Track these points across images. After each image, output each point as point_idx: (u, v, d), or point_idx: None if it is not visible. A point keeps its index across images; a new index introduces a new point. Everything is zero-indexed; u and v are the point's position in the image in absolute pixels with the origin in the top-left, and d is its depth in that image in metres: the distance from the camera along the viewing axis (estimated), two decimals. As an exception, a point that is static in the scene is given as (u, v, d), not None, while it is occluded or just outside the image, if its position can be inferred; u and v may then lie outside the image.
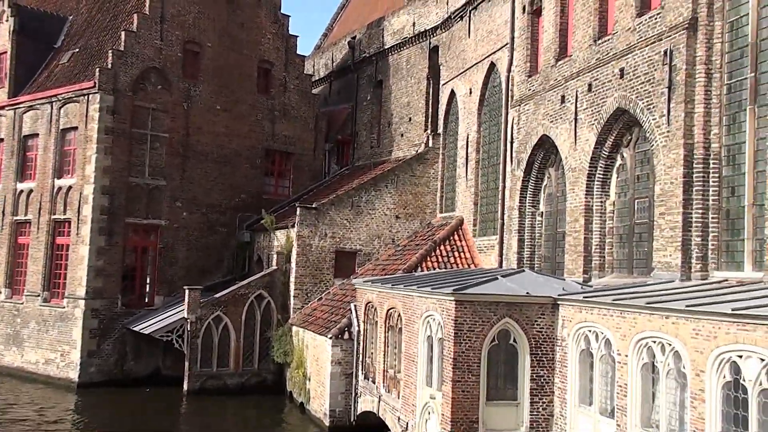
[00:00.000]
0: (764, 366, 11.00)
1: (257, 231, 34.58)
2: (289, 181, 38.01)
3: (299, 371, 26.83)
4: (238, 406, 27.24)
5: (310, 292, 29.38)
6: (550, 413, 16.77)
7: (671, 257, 16.69)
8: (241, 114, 36.09)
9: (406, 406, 19.08)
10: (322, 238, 29.74)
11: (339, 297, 27.15)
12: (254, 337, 30.05)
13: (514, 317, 16.76)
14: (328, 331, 24.21)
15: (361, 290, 23.50)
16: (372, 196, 30.76)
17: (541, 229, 23.66)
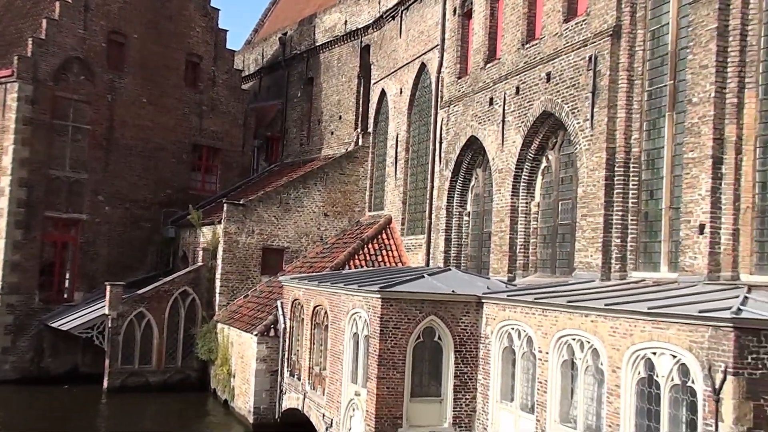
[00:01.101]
0: (676, 362, 11.42)
1: (183, 227, 34.01)
2: (217, 176, 37.50)
3: (224, 368, 26.53)
4: (160, 403, 26.74)
5: (236, 289, 29.06)
6: (473, 409, 17.03)
7: (592, 257, 17.16)
8: (168, 107, 35.43)
9: (331, 403, 19.09)
10: (250, 234, 29.45)
11: (266, 294, 26.95)
12: (178, 334, 29.55)
13: (439, 315, 16.95)
14: (253, 328, 24.02)
15: (288, 287, 23.39)
16: (301, 194, 30.63)
17: (468, 229, 24.01)
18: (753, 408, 10.40)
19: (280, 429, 22.75)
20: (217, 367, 27.36)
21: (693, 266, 14.40)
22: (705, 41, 14.42)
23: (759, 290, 12.92)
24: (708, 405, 10.68)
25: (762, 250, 13.70)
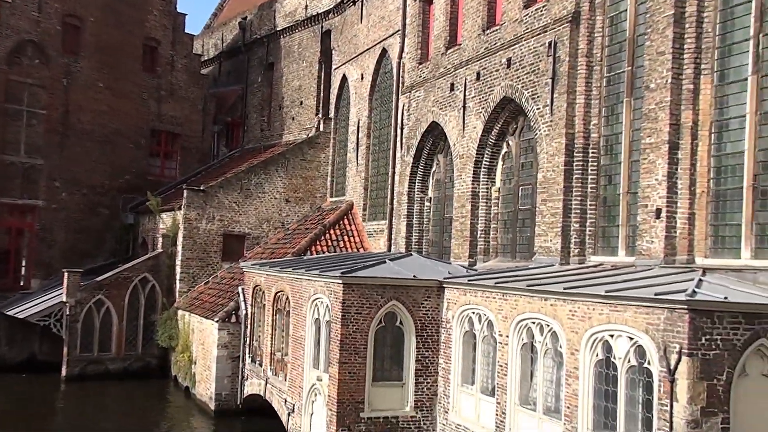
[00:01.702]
0: (633, 344, 11.62)
1: (142, 213, 33.60)
2: (176, 162, 37.09)
3: (185, 355, 26.34)
4: (120, 391, 26.49)
5: (196, 276, 28.83)
6: (434, 393, 17.16)
7: (552, 242, 17.36)
8: (126, 92, 34.87)
9: (293, 389, 19.08)
10: (210, 221, 29.21)
11: (227, 280, 26.79)
12: (138, 321, 29.26)
13: (400, 300, 17.01)
14: (214, 314, 23.87)
15: (250, 273, 23.28)
16: (262, 180, 30.43)
17: (429, 215, 24.11)
18: (706, 388, 10.64)
19: (242, 415, 22.68)
20: (178, 353, 27.16)
21: (650, 250, 14.65)
22: (662, 28, 14.62)
23: (713, 273, 13.20)
24: (663, 385, 10.89)
25: (716, 234, 13.99)
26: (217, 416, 22.88)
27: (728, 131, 13.88)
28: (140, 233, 33.75)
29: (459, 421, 16.31)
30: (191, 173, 36.34)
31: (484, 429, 15.37)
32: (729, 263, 13.44)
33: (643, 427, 11.58)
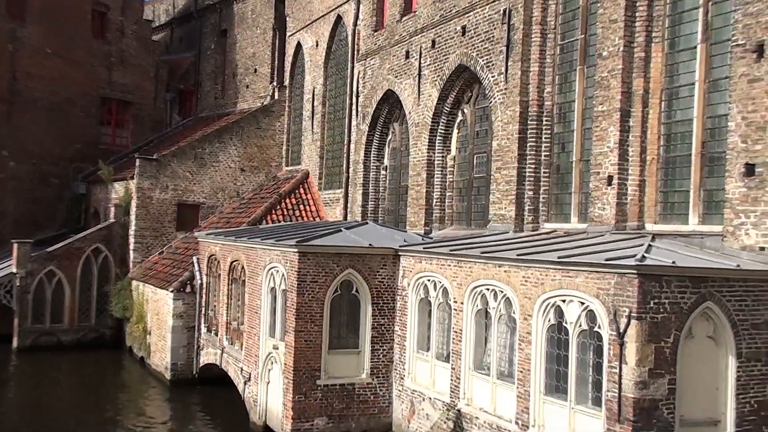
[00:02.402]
0: (584, 309, 11.83)
1: (94, 183, 32.99)
2: (128, 131, 36.41)
3: (139, 326, 26.11)
4: (74, 362, 26.19)
5: (150, 246, 28.47)
6: (390, 359, 17.30)
7: (506, 210, 17.52)
8: (75, 59, 33.99)
9: (249, 357, 19.07)
10: (164, 190, 28.81)
11: (181, 250, 26.53)
12: (91, 292, 28.86)
13: (356, 268, 17.03)
14: (169, 284, 23.66)
15: (205, 243, 23.08)
16: (216, 148, 30.07)
17: (385, 183, 24.13)
18: (654, 350, 10.89)
19: (198, 384, 22.62)
20: (133, 324, 26.91)
21: (601, 217, 14.88)
22: (615, -4, 14.71)
23: (662, 238, 13.47)
24: (613, 348, 11.13)
25: (666, 200, 14.27)
26: (173, 386, 22.78)
27: (678, 99, 14.11)
28: (92, 203, 33.16)
29: (414, 387, 16.49)
30: (144, 142, 35.70)
31: (439, 394, 15.56)
32: (678, 229, 13.73)
33: (593, 390, 11.84)
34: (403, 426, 16.71)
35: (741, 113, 12.20)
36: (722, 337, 11.50)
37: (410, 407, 16.56)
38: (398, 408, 17.04)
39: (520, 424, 13.11)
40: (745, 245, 12.02)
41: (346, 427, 16.82)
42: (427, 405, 15.91)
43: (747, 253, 11.93)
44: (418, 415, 16.20)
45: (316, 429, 16.53)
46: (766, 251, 11.72)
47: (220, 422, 19.31)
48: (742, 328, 11.50)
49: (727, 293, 11.39)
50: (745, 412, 11.51)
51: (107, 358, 26.97)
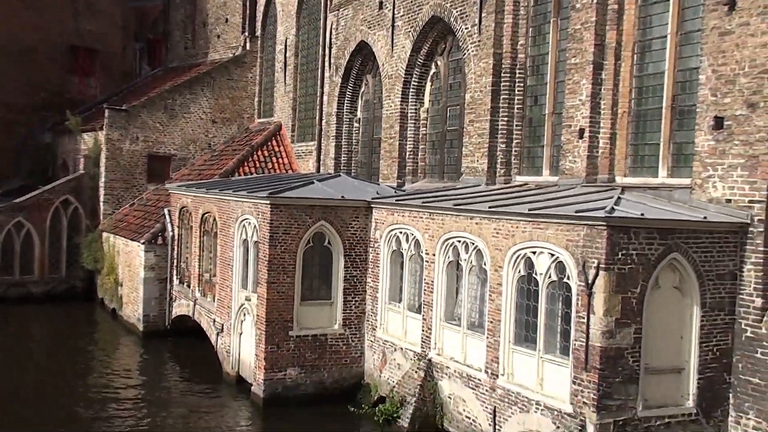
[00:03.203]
0: (554, 260, 11.99)
1: (61, 133, 32.43)
2: (96, 81, 35.71)
3: (111, 277, 26.00)
4: (45, 313, 26.07)
5: (121, 198, 28.19)
6: (362, 311, 17.45)
7: (478, 163, 17.57)
8: (40, 6, 33.09)
9: (222, 309, 19.12)
10: (134, 141, 28.42)
11: (153, 202, 26.32)
12: (61, 243, 28.61)
13: (329, 220, 17.06)
14: (140, 236, 23.53)
15: (176, 195, 22.92)
16: (187, 100, 29.64)
17: (358, 136, 24.04)
18: (621, 300, 11.10)
19: (170, 336, 22.68)
20: (104, 276, 26.79)
21: (572, 169, 15.00)
22: (590, -53, 14.60)
23: (632, 191, 13.62)
24: (581, 299, 11.32)
25: (636, 153, 14.40)
26: (145, 337, 22.82)
27: (650, 52, 14.14)
28: (60, 154, 32.66)
29: (386, 337, 16.68)
30: (112, 92, 35.06)
31: (411, 345, 15.77)
32: (647, 181, 13.90)
33: (561, 339, 12.07)
34: (375, 376, 16.94)
35: (711, 66, 12.27)
36: (688, 287, 11.75)
37: (382, 357, 16.77)
38: (370, 358, 17.24)
39: (489, 373, 13.35)
40: (712, 198, 12.20)
41: (319, 377, 17.02)
42: (399, 355, 16.12)
43: (714, 205, 12.12)
44: (390, 365, 16.42)
45: (289, 379, 16.70)
46: (732, 204, 11.91)
47: (193, 373, 19.43)
48: (707, 278, 11.75)
49: (694, 245, 11.61)
50: (707, 360, 11.83)
51: (79, 310, 26.89)
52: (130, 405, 16.80)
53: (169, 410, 16.50)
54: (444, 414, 14.64)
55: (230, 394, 17.77)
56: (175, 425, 15.49)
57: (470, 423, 13.88)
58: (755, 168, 11.58)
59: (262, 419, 16.09)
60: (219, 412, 16.71)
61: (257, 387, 16.81)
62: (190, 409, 16.61)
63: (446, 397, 14.59)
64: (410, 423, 14.64)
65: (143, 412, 16.27)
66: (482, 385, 13.54)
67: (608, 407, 11.14)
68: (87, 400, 16.85)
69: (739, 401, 11.90)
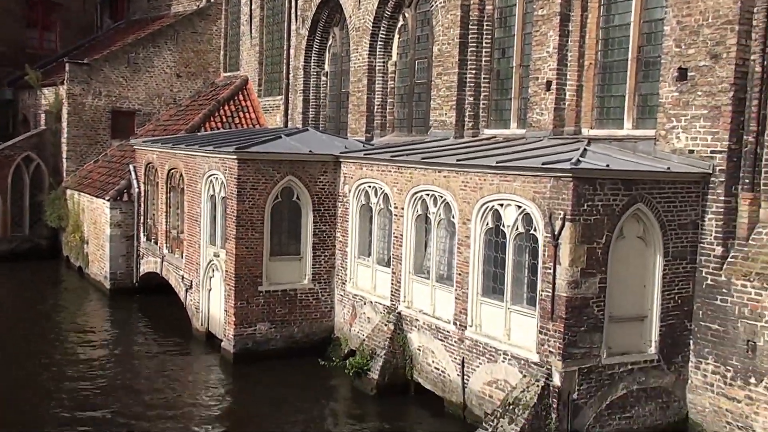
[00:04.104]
0: (521, 213, 12.09)
1: (21, 88, 31.71)
2: (56, 35, 34.85)
3: (76, 235, 25.71)
4: (10, 272, 25.73)
5: (85, 154, 27.73)
6: (332, 265, 17.50)
7: (446, 116, 17.55)
8: (-4, -43, 32.10)
9: (190, 265, 19.05)
10: (96, 96, 27.88)
11: (117, 158, 25.95)
12: (23, 201, 28.13)
13: (297, 175, 16.98)
14: (105, 193, 23.24)
15: (141, 151, 22.62)
16: (150, 53, 29.05)
17: (326, 89, 23.82)
18: (586, 251, 11.26)
19: (139, 293, 22.57)
20: (69, 234, 26.48)
21: (540, 122, 15.05)
22: None
23: (598, 143, 13.73)
24: (548, 250, 11.46)
25: (602, 105, 14.47)
26: (113, 295, 22.68)
27: (616, 3, 14.12)
28: (21, 109, 31.97)
29: (356, 291, 16.78)
30: (73, 46, 34.26)
31: (380, 298, 15.89)
32: (613, 133, 14.00)
33: (528, 290, 12.24)
34: (345, 329, 17.08)
35: (676, 17, 12.31)
36: (651, 237, 11.95)
37: (352, 311, 16.88)
38: (340, 312, 17.36)
39: (458, 324, 13.53)
40: (676, 149, 12.34)
41: (289, 331, 17.11)
42: (369, 309, 16.25)
43: (677, 156, 12.27)
44: (360, 318, 16.55)
45: (259, 334, 16.78)
46: (695, 154, 12.07)
47: (163, 329, 19.41)
48: (670, 228, 11.96)
49: (657, 195, 11.78)
50: (669, 308, 12.11)
51: (44, 269, 26.60)
52: (99, 363, 16.77)
53: (139, 367, 16.51)
54: (413, 366, 14.84)
55: (200, 350, 17.82)
56: (145, 382, 15.52)
57: (439, 374, 14.09)
58: (717, 119, 11.73)
59: (233, 374, 16.17)
60: (189, 368, 16.76)
61: (227, 342, 16.87)
62: (160, 366, 16.64)
63: (415, 349, 14.77)
64: (380, 375, 14.82)
65: (112, 371, 16.24)
66: (451, 337, 13.72)
67: (573, 355, 11.37)
68: (54, 360, 16.79)
69: (699, 347, 12.23)
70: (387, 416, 14.01)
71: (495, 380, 12.68)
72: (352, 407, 14.62)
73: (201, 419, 13.60)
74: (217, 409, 14.37)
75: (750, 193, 11.69)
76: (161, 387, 15.23)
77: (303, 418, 13.74)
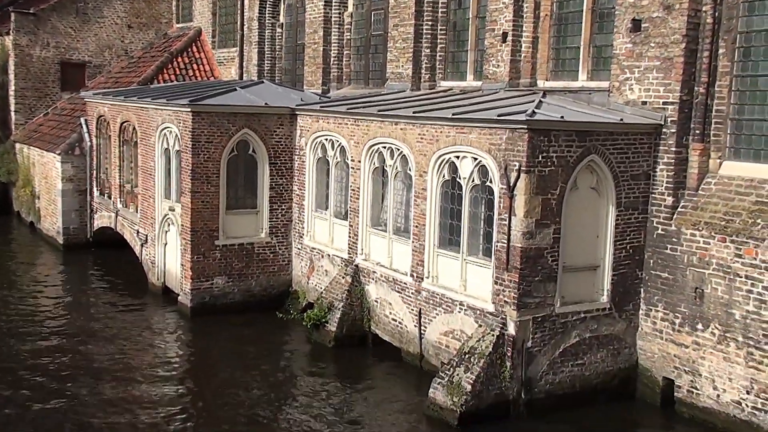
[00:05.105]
0: (477, 164, 12.15)
1: (-35, 39, 30.60)
2: (0, -17, 33.55)
3: (26, 190, 25.20)
4: (-42, 230, 25.25)
5: (34, 107, 27.03)
6: (289, 219, 17.46)
7: (403, 68, 17.46)
8: None
9: (145, 220, 18.83)
10: (45, 47, 27.09)
11: (68, 111, 25.33)
12: (-30, 155, 27.48)
13: (253, 128, 16.81)
14: (56, 147, 22.73)
15: (93, 104, 22.12)
16: (100, 3, 28.23)
17: (282, 41, 23.45)
18: (541, 202, 11.39)
19: (93, 247, 22.30)
20: (19, 188, 25.94)
21: (496, 74, 15.05)
22: None
23: (553, 95, 13.81)
24: (503, 201, 11.56)
25: (557, 57, 14.51)
26: (66, 250, 22.37)
27: (572, -46, 14.08)
28: (-35, 62, 30.91)
29: (313, 244, 16.79)
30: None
31: (338, 251, 15.93)
32: (568, 85, 14.08)
33: (484, 241, 12.37)
34: (303, 283, 17.12)
35: (632, -31, 12.32)
36: (604, 188, 12.12)
37: (309, 264, 16.91)
38: (298, 266, 17.38)
39: (415, 276, 13.65)
40: (629, 100, 12.47)
41: (246, 285, 17.10)
42: (326, 262, 16.29)
43: (630, 107, 12.40)
44: (318, 271, 16.59)
45: (216, 288, 16.74)
46: (647, 105, 12.21)
47: (119, 284, 19.23)
48: (623, 179, 12.14)
49: (611, 146, 11.93)
50: (621, 257, 12.35)
51: (-5, 224, 26.13)
52: (54, 319, 16.58)
53: (95, 323, 16.36)
54: (371, 317, 14.97)
55: (157, 304, 17.72)
56: (102, 337, 15.40)
57: (396, 325, 14.24)
58: (670, 70, 11.85)
59: (190, 328, 16.14)
60: (146, 322, 16.67)
61: (184, 297, 16.81)
62: (116, 321, 16.52)
63: (373, 301, 14.89)
64: (338, 327, 14.93)
65: (67, 326, 16.08)
66: (408, 289, 13.85)
67: (528, 305, 11.57)
68: (7, 316, 16.54)
69: (649, 295, 12.53)
70: (345, 367, 14.16)
71: (451, 330, 12.87)
72: (311, 359, 14.73)
73: (158, 374, 13.59)
74: (174, 362, 14.36)
75: (700, 144, 11.89)
76: (117, 342, 15.12)
77: (261, 370, 13.82)
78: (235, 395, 12.56)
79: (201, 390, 13.00)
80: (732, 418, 11.37)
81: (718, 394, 11.54)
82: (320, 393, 12.91)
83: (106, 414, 11.74)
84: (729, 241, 11.27)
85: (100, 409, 11.88)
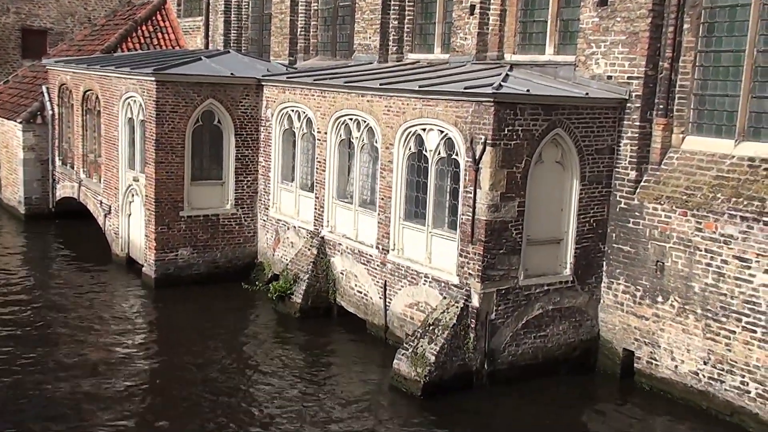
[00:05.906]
0: (443, 137, 12.16)
1: None
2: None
3: (-14, 160, 24.72)
4: None
5: (-7, 75, 26.48)
6: (255, 190, 17.35)
7: (371, 40, 17.34)
8: None
9: (109, 190, 18.58)
10: (4, 13, 26.48)
11: (29, 79, 24.79)
12: (-72, 124, 26.79)
13: (218, 98, 16.62)
14: (17, 115, 22.27)
15: (54, 72, 21.68)
16: (61, -32, 27.64)
17: (248, 11, 23.13)
18: (506, 175, 11.44)
19: (56, 218, 21.98)
20: (-20, 159, 25.42)
21: (463, 47, 15.02)
22: None
23: (520, 68, 13.81)
24: (469, 174, 11.60)
25: (524, 31, 14.51)
26: (28, 220, 22.03)
27: (541, -74, 14.03)
28: None
29: (279, 216, 16.72)
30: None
31: (304, 223, 15.89)
32: (535, 59, 14.10)
33: (449, 214, 12.43)
34: (269, 254, 17.07)
35: (600, -57, 12.32)
36: (569, 161, 12.21)
37: (275, 236, 16.86)
38: (263, 237, 17.31)
39: (380, 248, 13.67)
40: (595, 74, 12.53)
41: (212, 256, 17.01)
42: (292, 234, 16.25)
43: (596, 82, 12.46)
44: (283, 243, 16.54)
45: (181, 259, 16.63)
46: (612, 80, 12.28)
47: (82, 255, 18.99)
48: (587, 153, 12.23)
49: (576, 120, 11.99)
50: (584, 231, 12.49)
51: (-46, 194, 25.57)
52: (15, 289, 16.35)
53: (57, 293, 16.16)
54: (336, 289, 14.99)
55: (121, 275, 17.55)
56: (63, 307, 15.23)
57: (362, 297, 14.28)
58: (635, 45, 11.92)
59: (154, 299, 16.04)
60: (110, 293, 16.51)
61: (148, 268, 16.67)
62: (80, 292, 16.33)
63: (339, 273, 14.90)
64: (303, 299, 14.93)
65: (29, 297, 15.88)
66: (373, 261, 13.87)
67: (492, 277, 11.67)
68: (-32, 285, 16.30)
69: (611, 268, 12.70)
70: (310, 339, 14.17)
71: (416, 302, 12.94)
72: (276, 330, 14.72)
73: (123, 344, 13.48)
74: (139, 333, 14.26)
75: (664, 119, 12.01)
76: (80, 313, 14.97)
77: (226, 341, 13.79)
78: (199, 366, 12.53)
79: (164, 360, 12.94)
80: (689, 389, 11.62)
81: (677, 365, 11.78)
82: (285, 363, 12.93)
83: (65, 382, 11.64)
84: (690, 215, 11.44)
85: (60, 379, 11.78)
